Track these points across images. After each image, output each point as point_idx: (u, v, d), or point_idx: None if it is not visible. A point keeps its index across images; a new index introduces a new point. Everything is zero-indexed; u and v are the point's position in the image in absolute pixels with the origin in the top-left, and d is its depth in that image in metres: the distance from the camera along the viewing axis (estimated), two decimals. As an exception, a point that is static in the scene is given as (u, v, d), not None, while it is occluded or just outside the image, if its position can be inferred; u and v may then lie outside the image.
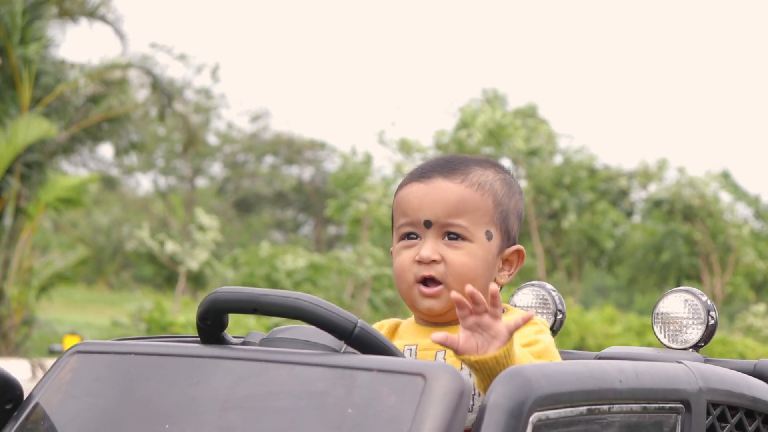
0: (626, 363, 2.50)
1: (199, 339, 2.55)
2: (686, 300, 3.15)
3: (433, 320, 2.71)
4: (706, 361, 3.06)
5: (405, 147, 37.84)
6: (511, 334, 2.34)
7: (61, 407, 2.49)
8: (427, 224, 2.67)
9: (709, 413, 2.66)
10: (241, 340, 2.62)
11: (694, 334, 3.12)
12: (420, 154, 37.82)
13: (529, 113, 40.99)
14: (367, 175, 37.55)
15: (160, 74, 21.70)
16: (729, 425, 2.73)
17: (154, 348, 2.50)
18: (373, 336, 2.34)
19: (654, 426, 2.52)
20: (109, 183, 54.46)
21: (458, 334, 2.35)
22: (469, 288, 2.32)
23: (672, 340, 3.14)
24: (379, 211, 35.49)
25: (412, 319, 2.77)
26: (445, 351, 2.59)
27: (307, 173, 58.02)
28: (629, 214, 42.93)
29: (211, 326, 2.48)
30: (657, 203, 39.28)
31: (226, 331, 2.55)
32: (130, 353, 2.50)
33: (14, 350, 19.83)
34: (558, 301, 3.27)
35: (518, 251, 2.76)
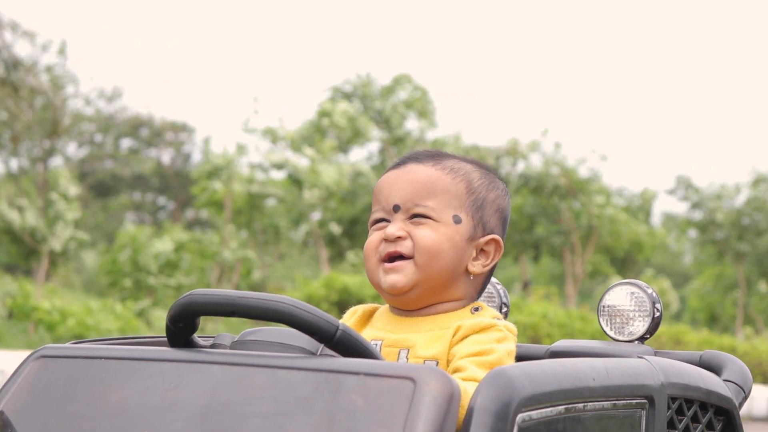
0: (597, 361, 2.51)
1: (166, 341, 2.49)
2: (632, 293, 3.17)
3: (402, 306, 2.68)
4: (656, 353, 3.11)
5: (272, 135, 37.36)
6: None
7: (27, 414, 2.40)
8: (396, 208, 2.66)
9: (669, 407, 2.70)
10: (210, 342, 2.56)
11: (640, 326, 3.15)
12: (285, 141, 37.31)
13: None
14: (233, 165, 36.59)
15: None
16: (685, 418, 2.77)
17: (125, 352, 2.42)
18: (354, 339, 2.30)
19: (622, 421, 2.54)
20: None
21: None
22: None
23: (618, 332, 3.17)
24: (241, 193, 35.13)
25: (387, 306, 2.74)
26: (408, 349, 2.57)
27: (167, 156, 57.27)
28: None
29: (183, 329, 2.41)
30: (525, 180, 39.81)
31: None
32: (100, 357, 2.42)
33: None
34: (503, 294, 3.27)
35: (494, 241, 2.73)
